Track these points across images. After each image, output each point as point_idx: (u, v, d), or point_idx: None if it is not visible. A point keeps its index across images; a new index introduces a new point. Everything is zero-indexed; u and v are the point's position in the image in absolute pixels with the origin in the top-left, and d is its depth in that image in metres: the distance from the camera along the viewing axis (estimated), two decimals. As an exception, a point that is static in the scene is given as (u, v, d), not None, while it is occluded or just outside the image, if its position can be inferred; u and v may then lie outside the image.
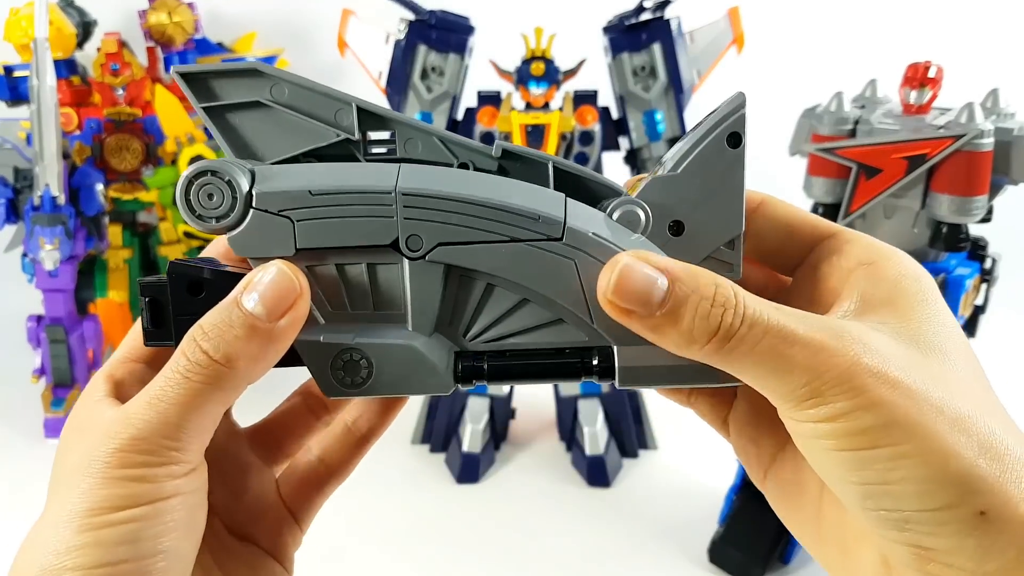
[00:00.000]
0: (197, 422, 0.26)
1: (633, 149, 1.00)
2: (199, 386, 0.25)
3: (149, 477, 0.25)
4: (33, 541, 0.26)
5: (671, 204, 0.28)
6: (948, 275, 0.70)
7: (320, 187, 0.29)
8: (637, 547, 0.82)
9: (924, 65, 0.68)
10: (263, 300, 0.26)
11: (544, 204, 0.29)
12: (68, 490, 0.26)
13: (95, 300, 1.14)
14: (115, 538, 0.25)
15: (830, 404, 0.24)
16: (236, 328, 0.26)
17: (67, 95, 1.09)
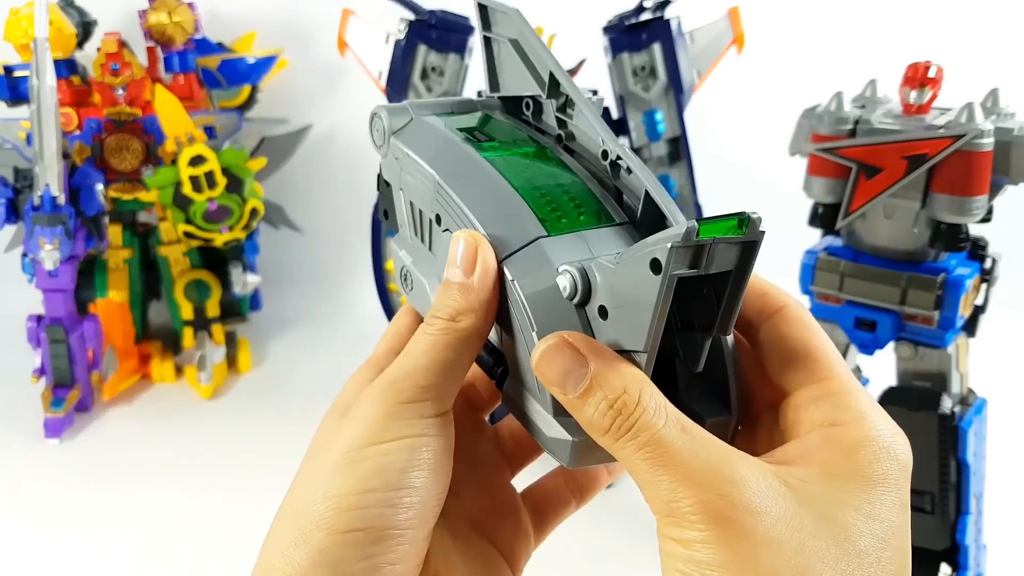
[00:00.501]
0: (441, 369, 0.30)
1: (633, 149, 1.00)
2: (438, 339, 0.30)
3: (402, 413, 0.29)
4: (299, 483, 0.30)
5: (604, 289, 0.28)
6: (948, 275, 0.70)
7: (406, 153, 0.36)
8: (637, 547, 0.82)
9: (924, 65, 0.68)
10: (458, 264, 0.30)
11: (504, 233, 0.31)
12: (327, 441, 0.30)
13: (95, 300, 1.14)
14: (369, 470, 0.28)
15: (685, 531, 0.25)
16: (452, 292, 0.30)
17: (67, 95, 1.09)
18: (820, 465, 0.26)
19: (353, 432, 0.29)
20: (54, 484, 0.94)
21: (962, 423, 0.71)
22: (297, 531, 0.28)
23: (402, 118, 0.37)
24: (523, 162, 0.34)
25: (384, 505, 0.28)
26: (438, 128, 0.36)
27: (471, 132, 0.36)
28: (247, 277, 1.18)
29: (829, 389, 0.29)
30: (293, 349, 1.27)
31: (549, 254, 0.30)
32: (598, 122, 0.33)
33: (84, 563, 0.81)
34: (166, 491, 0.92)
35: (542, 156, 0.35)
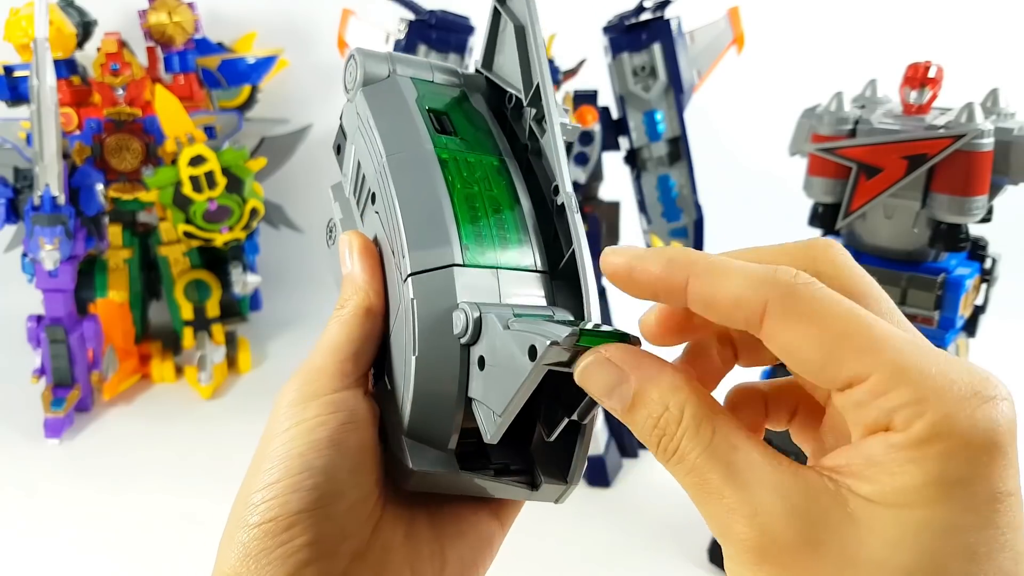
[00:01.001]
0: (334, 347, 0.32)
1: (633, 149, 1.00)
2: (332, 323, 0.33)
3: (297, 399, 0.32)
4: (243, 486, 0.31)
5: (488, 344, 0.28)
6: (948, 275, 0.70)
7: (366, 116, 0.34)
8: (637, 547, 0.82)
9: (924, 65, 0.68)
10: (345, 264, 0.33)
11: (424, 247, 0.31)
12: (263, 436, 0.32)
13: (95, 300, 1.14)
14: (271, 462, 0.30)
15: (732, 560, 0.23)
16: (343, 286, 0.33)
17: (67, 95, 1.09)
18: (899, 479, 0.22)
19: (279, 421, 0.32)
20: (54, 484, 0.94)
21: (962, 423, 0.70)
22: (227, 534, 0.30)
23: (379, 69, 0.36)
24: (473, 172, 0.33)
25: (288, 492, 0.29)
26: (406, 102, 0.35)
27: (438, 116, 0.35)
28: (247, 277, 1.18)
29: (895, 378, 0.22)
30: (293, 349, 1.27)
31: (456, 285, 0.30)
32: (561, 154, 0.33)
33: (84, 563, 0.81)
34: (166, 491, 0.92)
35: (495, 173, 0.34)
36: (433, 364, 0.30)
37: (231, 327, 1.22)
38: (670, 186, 0.99)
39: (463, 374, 0.30)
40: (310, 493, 0.29)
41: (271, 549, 0.28)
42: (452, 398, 0.30)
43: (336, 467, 0.30)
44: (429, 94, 0.36)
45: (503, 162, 0.34)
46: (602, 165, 1.02)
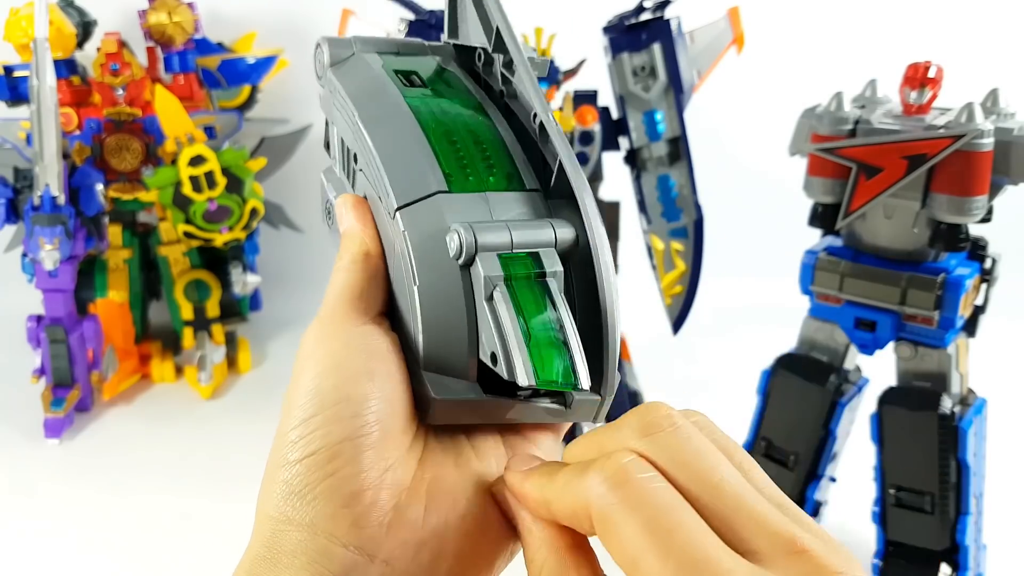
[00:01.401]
0: (348, 290, 0.32)
1: (633, 149, 1.00)
2: (338, 271, 0.33)
3: (321, 336, 0.32)
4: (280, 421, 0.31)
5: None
6: (948, 275, 0.70)
7: (337, 89, 0.36)
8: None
9: (924, 65, 0.68)
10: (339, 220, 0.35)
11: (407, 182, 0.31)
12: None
13: (95, 300, 1.14)
14: (304, 398, 0.29)
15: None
16: (341, 239, 0.34)
17: (67, 95, 1.09)
18: None
19: (294, 370, 0.31)
20: (54, 484, 0.94)
21: (962, 423, 0.71)
22: (269, 476, 0.29)
23: (343, 51, 0.37)
24: (447, 112, 0.34)
25: (328, 423, 0.28)
26: (372, 67, 0.36)
27: (407, 76, 0.36)
28: (247, 277, 1.18)
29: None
30: (293, 349, 1.26)
31: (444, 211, 0.30)
32: (532, 84, 0.33)
33: (84, 563, 0.81)
34: (166, 491, 0.92)
35: (470, 107, 0.35)
36: (436, 291, 0.30)
37: (231, 327, 1.22)
38: (670, 186, 0.99)
39: (468, 297, 0.29)
40: (352, 422, 0.28)
41: (316, 483, 0.28)
42: (462, 321, 0.30)
43: (372, 396, 0.29)
44: (396, 62, 0.37)
45: (479, 105, 0.35)
46: (602, 165, 1.02)
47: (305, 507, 0.27)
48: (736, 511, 0.23)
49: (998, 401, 0.81)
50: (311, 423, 0.28)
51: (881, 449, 0.72)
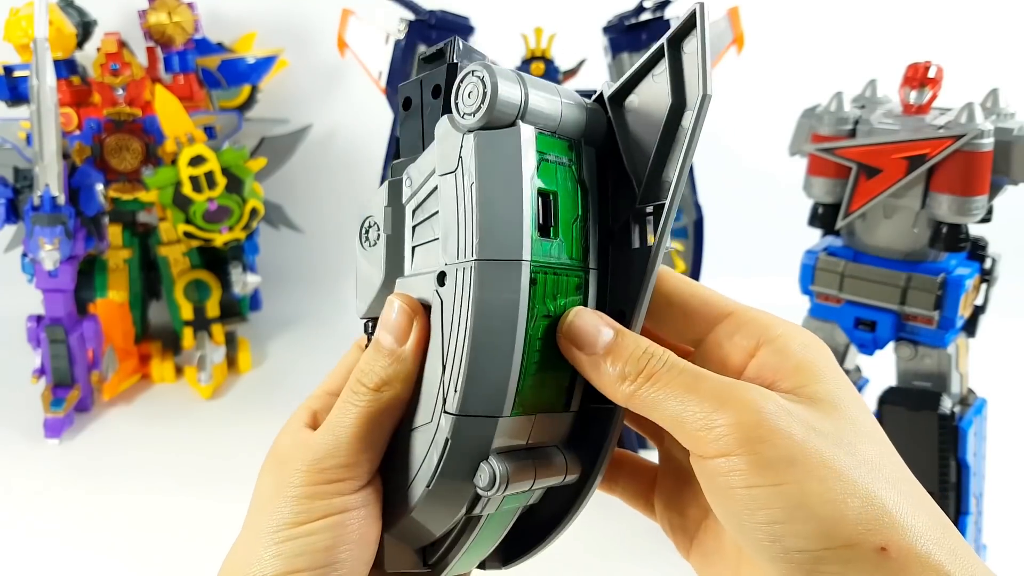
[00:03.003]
0: (364, 444, 0.30)
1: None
2: (363, 411, 0.30)
3: (325, 493, 0.30)
4: (234, 554, 0.31)
5: None
6: (948, 275, 0.70)
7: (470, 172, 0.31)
8: (636, 546, 0.82)
9: (924, 65, 0.68)
10: (391, 332, 0.30)
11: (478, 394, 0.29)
12: (260, 512, 0.31)
13: (95, 300, 1.14)
14: (295, 550, 0.29)
15: (735, 434, 0.26)
16: (381, 358, 0.30)
17: (67, 95, 1.09)
18: (793, 373, 0.29)
19: (280, 512, 0.30)
20: (54, 484, 0.94)
21: (962, 423, 0.71)
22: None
23: (512, 94, 0.29)
24: (556, 301, 0.30)
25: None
26: (520, 178, 0.29)
27: (545, 199, 0.30)
28: (247, 277, 1.18)
29: (740, 319, 0.31)
30: (293, 349, 1.27)
31: (495, 437, 0.30)
32: (650, 287, 0.31)
33: (84, 563, 0.81)
34: (166, 491, 0.92)
35: (575, 292, 0.31)
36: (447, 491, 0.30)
37: (231, 327, 1.22)
38: (670, 186, 0.99)
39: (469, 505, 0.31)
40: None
41: None
42: (453, 516, 0.31)
43: (358, 563, 0.30)
44: (545, 162, 0.30)
45: (585, 282, 0.31)
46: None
47: None
48: None
49: (998, 401, 0.81)
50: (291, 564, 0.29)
51: (881, 449, 0.72)
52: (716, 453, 0.26)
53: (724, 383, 0.27)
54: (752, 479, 0.26)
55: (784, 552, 0.25)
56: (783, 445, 0.26)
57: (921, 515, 0.26)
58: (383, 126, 1.03)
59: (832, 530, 0.25)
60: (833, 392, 0.28)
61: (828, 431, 0.27)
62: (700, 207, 0.99)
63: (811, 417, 0.27)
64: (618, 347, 0.29)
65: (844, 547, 0.25)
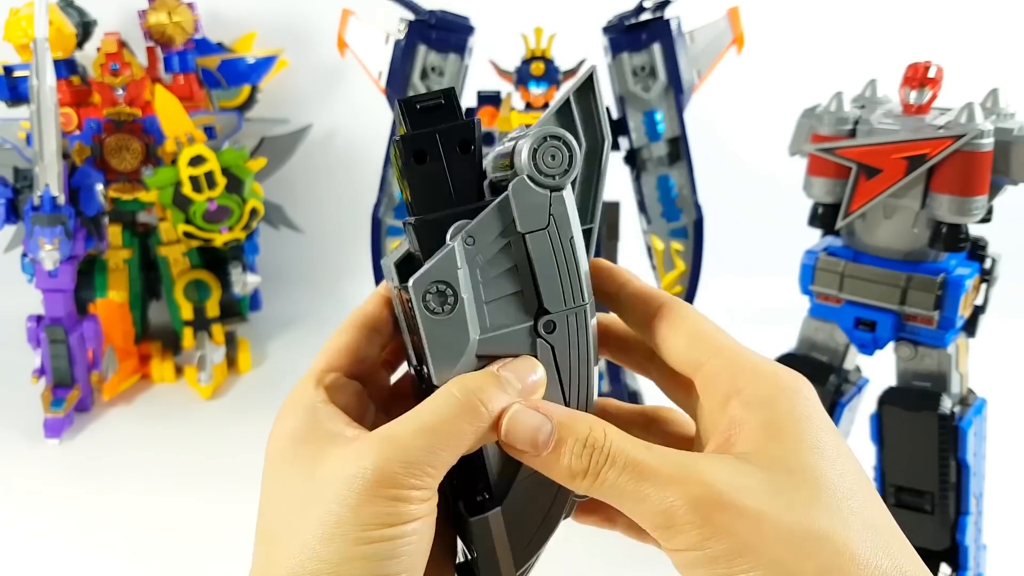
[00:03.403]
0: (452, 454, 0.29)
1: (633, 149, 1.00)
2: (461, 424, 0.29)
3: (408, 498, 0.28)
4: (278, 535, 0.29)
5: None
6: (948, 275, 0.70)
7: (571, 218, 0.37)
8: (636, 547, 0.82)
9: (924, 65, 0.68)
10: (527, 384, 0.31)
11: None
12: (327, 499, 0.28)
13: (95, 300, 1.14)
14: (352, 553, 0.27)
15: (684, 533, 0.27)
16: (509, 390, 0.30)
17: (67, 95, 1.09)
18: (756, 428, 0.29)
19: (361, 507, 0.28)
20: (54, 484, 0.94)
21: (962, 423, 0.71)
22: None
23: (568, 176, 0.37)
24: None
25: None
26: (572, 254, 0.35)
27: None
28: (247, 277, 1.18)
29: (721, 363, 0.31)
30: (293, 349, 1.27)
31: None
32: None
33: (84, 563, 0.81)
34: (166, 491, 0.92)
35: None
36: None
37: (231, 327, 1.22)
38: (670, 186, 0.99)
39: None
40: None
41: None
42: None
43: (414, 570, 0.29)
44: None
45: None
46: (602, 165, 1.02)
47: None
48: None
49: (998, 401, 0.81)
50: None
51: (881, 449, 0.72)
52: (673, 547, 0.28)
53: (666, 476, 0.28)
54: (706, 571, 0.27)
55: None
56: (727, 540, 0.26)
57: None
58: (383, 126, 1.03)
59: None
60: (792, 453, 0.28)
61: (779, 507, 0.27)
62: (700, 207, 0.99)
63: (763, 490, 0.27)
64: (559, 444, 0.29)
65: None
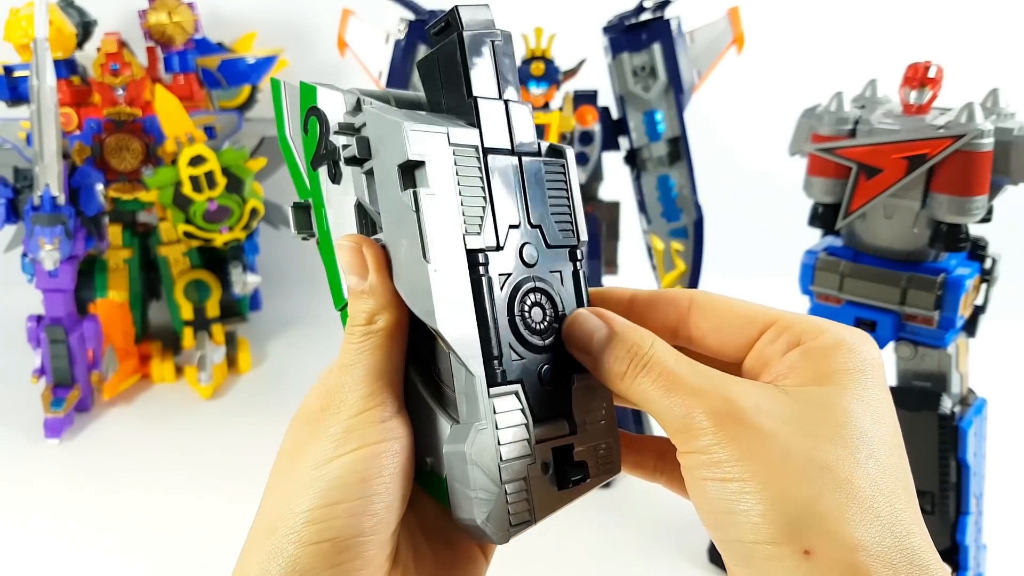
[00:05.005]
0: (377, 373, 0.31)
1: (633, 149, 1.00)
2: (364, 345, 0.31)
3: (356, 425, 0.31)
4: (275, 488, 0.32)
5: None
6: (948, 275, 0.70)
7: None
8: (637, 547, 0.82)
9: (924, 65, 0.68)
10: (352, 271, 0.32)
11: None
12: (296, 457, 0.32)
13: (95, 300, 1.14)
14: (331, 483, 0.30)
15: (700, 438, 0.28)
16: (358, 300, 0.32)
17: (67, 95, 1.09)
18: (807, 371, 0.30)
19: (316, 448, 0.31)
20: (54, 484, 0.94)
21: (962, 423, 0.71)
22: (271, 545, 0.30)
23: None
24: None
25: (349, 515, 0.29)
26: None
27: None
28: (247, 277, 1.18)
29: (782, 326, 0.32)
30: (293, 349, 1.27)
31: None
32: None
33: (84, 563, 0.81)
34: (166, 491, 0.92)
35: None
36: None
37: (231, 327, 1.22)
38: (670, 186, 0.99)
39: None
40: (368, 519, 0.30)
41: (321, 570, 0.29)
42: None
43: (394, 495, 0.30)
44: None
45: None
46: (602, 165, 1.02)
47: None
48: None
49: (998, 401, 0.81)
50: (334, 509, 0.29)
51: (881, 449, 0.72)
52: (686, 449, 0.28)
53: (695, 386, 0.29)
54: (708, 474, 0.28)
55: (725, 540, 0.27)
56: (735, 448, 0.27)
57: (871, 526, 0.26)
58: (383, 126, 1.03)
59: (761, 527, 0.26)
60: (831, 393, 0.28)
61: (795, 431, 0.27)
62: (700, 207, 0.99)
63: (785, 413, 0.28)
64: (609, 346, 0.31)
65: (770, 544, 0.26)
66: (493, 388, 0.30)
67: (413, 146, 0.29)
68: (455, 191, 0.30)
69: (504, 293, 0.31)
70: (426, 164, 0.30)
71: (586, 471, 0.32)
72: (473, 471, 0.30)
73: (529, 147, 0.34)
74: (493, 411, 0.30)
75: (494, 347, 0.30)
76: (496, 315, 0.31)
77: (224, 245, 1.14)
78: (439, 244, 0.30)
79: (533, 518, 0.31)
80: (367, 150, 0.31)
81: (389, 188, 0.30)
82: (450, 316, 0.29)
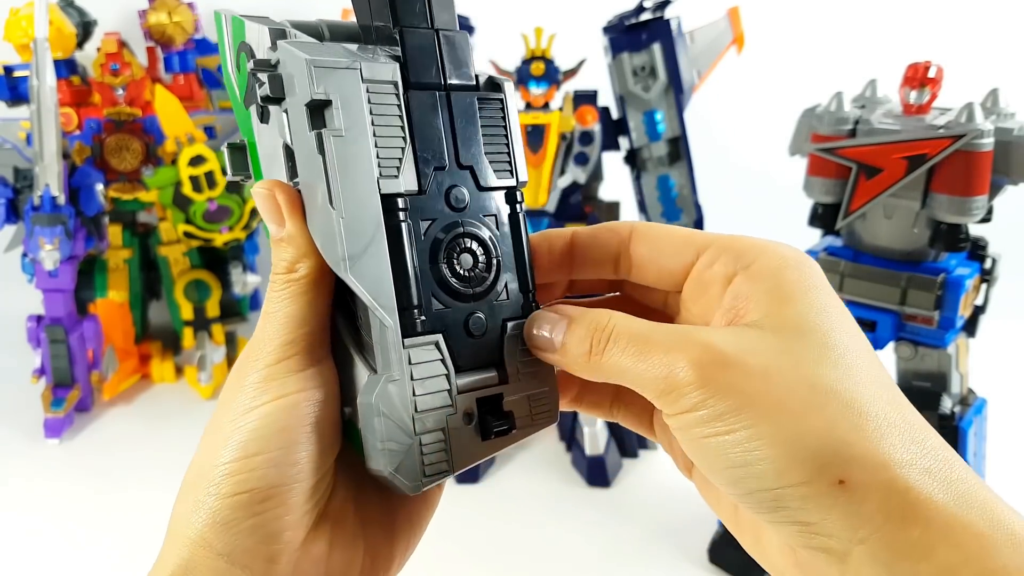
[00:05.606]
0: (298, 321, 0.31)
1: (633, 149, 1.00)
2: (284, 293, 0.31)
3: (274, 374, 0.30)
4: (202, 443, 0.32)
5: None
6: (948, 275, 0.70)
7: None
8: (637, 547, 0.82)
9: (924, 65, 0.68)
10: (265, 219, 0.31)
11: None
12: (220, 410, 0.31)
13: (95, 300, 1.14)
14: (249, 435, 0.29)
15: (686, 396, 0.26)
16: (279, 248, 0.31)
17: (67, 95, 1.09)
18: (764, 298, 0.28)
19: (237, 399, 0.30)
20: (54, 484, 0.94)
21: (962, 423, 0.71)
22: (194, 499, 0.30)
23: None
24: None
25: (268, 466, 0.29)
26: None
27: None
28: (247, 277, 1.18)
29: (719, 247, 0.31)
30: (293, 349, 1.27)
31: None
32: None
33: (84, 563, 0.81)
34: (166, 491, 0.92)
35: None
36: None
37: (231, 327, 1.22)
38: (670, 186, 0.99)
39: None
40: (288, 469, 0.29)
41: (243, 519, 0.29)
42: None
43: (315, 444, 0.30)
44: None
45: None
46: (602, 165, 1.02)
47: (227, 538, 0.29)
48: None
49: (998, 401, 0.81)
50: (252, 461, 0.29)
51: (881, 449, 0.72)
52: (673, 411, 0.27)
53: (667, 342, 0.27)
54: (708, 431, 0.26)
55: (748, 492, 0.26)
56: (730, 397, 0.26)
57: (893, 438, 0.25)
58: (383, 126, 1.03)
59: (786, 470, 0.25)
60: (801, 315, 0.28)
61: (785, 364, 0.26)
62: (700, 207, 0.99)
63: (769, 349, 0.27)
64: (569, 331, 0.30)
65: (801, 484, 0.25)
66: (409, 339, 0.29)
67: (318, 84, 0.27)
68: (369, 132, 0.28)
69: (427, 239, 0.30)
70: (333, 103, 0.28)
71: (512, 421, 0.31)
72: (381, 422, 0.28)
73: (464, 82, 0.31)
74: (409, 362, 0.29)
75: (414, 296, 0.29)
76: (417, 263, 0.29)
77: (224, 245, 1.14)
78: (348, 189, 0.28)
79: (451, 468, 0.30)
80: (280, 88, 0.29)
81: (301, 129, 0.29)
82: (360, 265, 0.28)
